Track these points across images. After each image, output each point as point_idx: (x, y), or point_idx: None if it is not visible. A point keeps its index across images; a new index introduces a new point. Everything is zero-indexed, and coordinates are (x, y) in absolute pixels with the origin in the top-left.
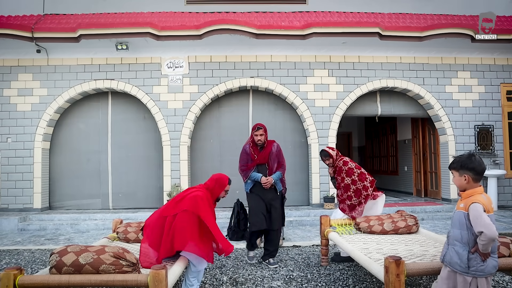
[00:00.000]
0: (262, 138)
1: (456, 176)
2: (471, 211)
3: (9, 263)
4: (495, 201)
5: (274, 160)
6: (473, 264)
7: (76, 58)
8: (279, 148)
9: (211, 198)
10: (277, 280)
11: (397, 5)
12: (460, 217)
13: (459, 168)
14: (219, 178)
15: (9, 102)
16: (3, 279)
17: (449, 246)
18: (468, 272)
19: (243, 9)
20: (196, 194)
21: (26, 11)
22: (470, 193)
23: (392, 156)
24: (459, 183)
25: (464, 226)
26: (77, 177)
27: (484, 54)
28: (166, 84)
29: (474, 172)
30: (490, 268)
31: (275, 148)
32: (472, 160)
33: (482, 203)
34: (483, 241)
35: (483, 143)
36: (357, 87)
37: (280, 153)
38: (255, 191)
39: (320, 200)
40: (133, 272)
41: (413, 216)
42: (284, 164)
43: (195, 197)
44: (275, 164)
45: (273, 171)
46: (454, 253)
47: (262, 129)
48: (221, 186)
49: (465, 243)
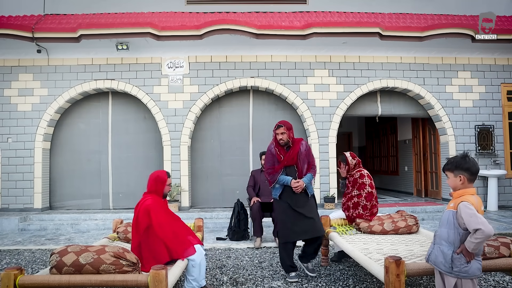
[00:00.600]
0: (284, 137)
1: (451, 178)
2: (463, 209)
3: (9, 263)
4: (496, 201)
5: (304, 161)
6: (457, 265)
7: (76, 58)
8: (308, 146)
9: (160, 200)
10: (277, 280)
11: (397, 5)
12: (449, 216)
13: (454, 169)
14: (157, 177)
15: (9, 102)
16: (4, 279)
17: (434, 246)
18: (452, 273)
19: (243, 9)
20: (144, 205)
21: (26, 11)
22: (461, 193)
23: (392, 156)
24: (453, 184)
25: (452, 225)
26: (77, 177)
27: (484, 54)
28: (166, 84)
29: (469, 172)
30: (474, 270)
31: (304, 147)
32: (466, 161)
33: (472, 202)
34: (478, 239)
35: (484, 143)
36: (358, 87)
37: (309, 152)
38: (283, 198)
39: (320, 200)
40: (133, 272)
41: (414, 216)
42: (314, 165)
43: (145, 209)
44: (305, 165)
45: (303, 173)
46: (439, 253)
47: (283, 127)
48: (162, 183)
49: (450, 242)
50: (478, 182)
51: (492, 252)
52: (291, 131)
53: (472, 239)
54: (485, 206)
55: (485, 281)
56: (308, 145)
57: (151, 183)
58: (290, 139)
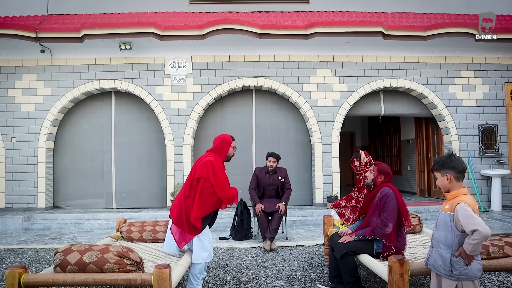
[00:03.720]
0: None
1: (438, 177)
2: (460, 211)
3: (13, 261)
4: (499, 201)
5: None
6: (456, 268)
7: (79, 58)
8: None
9: (220, 161)
10: (280, 280)
11: (400, 4)
12: (445, 219)
13: (440, 168)
14: (224, 138)
15: (13, 102)
16: (9, 278)
17: (433, 249)
18: (452, 276)
19: (246, 9)
20: (206, 160)
21: (30, 11)
22: (455, 194)
23: (395, 156)
24: (442, 184)
25: (449, 228)
26: (81, 177)
27: (488, 54)
28: (169, 84)
29: (455, 171)
30: (474, 272)
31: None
32: (452, 159)
33: (468, 203)
34: (476, 240)
35: (487, 142)
36: (361, 86)
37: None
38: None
39: (323, 200)
40: (137, 271)
41: (417, 216)
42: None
43: (206, 162)
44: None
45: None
46: (438, 256)
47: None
48: (228, 143)
49: (449, 245)
50: (482, 182)
51: (496, 251)
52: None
53: (469, 240)
54: (488, 206)
55: (489, 281)
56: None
57: (217, 142)
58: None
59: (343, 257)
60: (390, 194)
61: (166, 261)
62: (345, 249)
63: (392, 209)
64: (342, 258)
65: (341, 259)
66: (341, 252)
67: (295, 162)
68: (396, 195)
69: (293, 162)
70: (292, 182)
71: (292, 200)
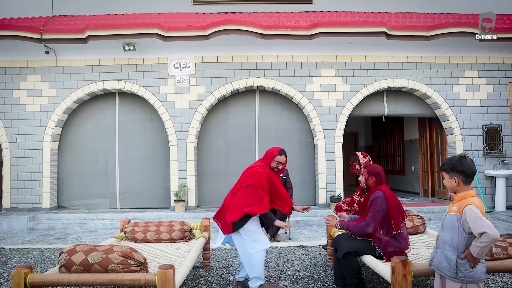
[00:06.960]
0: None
1: (446, 178)
2: (468, 213)
3: (19, 261)
4: (504, 201)
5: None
6: (462, 270)
7: (84, 59)
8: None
9: (268, 169)
10: (283, 280)
11: (403, 4)
12: (452, 220)
13: (449, 170)
14: (270, 151)
15: (18, 103)
16: (14, 277)
17: (437, 250)
18: (457, 278)
19: (249, 10)
20: (254, 169)
21: (35, 13)
22: (463, 196)
23: (399, 156)
24: (449, 185)
25: (456, 229)
26: (85, 177)
27: (492, 53)
28: (173, 84)
29: (464, 175)
30: (479, 274)
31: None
32: (462, 163)
33: (476, 205)
34: (484, 243)
35: (491, 142)
36: (364, 87)
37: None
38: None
39: (327, 200)
40: (141, 271)
41: (420, 216)
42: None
43: (252, 172)
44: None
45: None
46: (443, 257)
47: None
48: (270, 157)
49: (455, 247)
50: (486, 182)
51: (500, 252)
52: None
53: (477, 243)
54: (493, 206)
55: (493, 282)
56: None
57: (265, 155)
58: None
59: (345, 257)
60: (379, 196)
61: (170, 261)
62: (347, 248)
63: (377, 211)
64: (344, 258)
65: (344, 259)
66: (343, 252)
67: (298, 163)
68: (387, 198)
69: (297, 163)
70: (296, 182)
71: (296, 200)
